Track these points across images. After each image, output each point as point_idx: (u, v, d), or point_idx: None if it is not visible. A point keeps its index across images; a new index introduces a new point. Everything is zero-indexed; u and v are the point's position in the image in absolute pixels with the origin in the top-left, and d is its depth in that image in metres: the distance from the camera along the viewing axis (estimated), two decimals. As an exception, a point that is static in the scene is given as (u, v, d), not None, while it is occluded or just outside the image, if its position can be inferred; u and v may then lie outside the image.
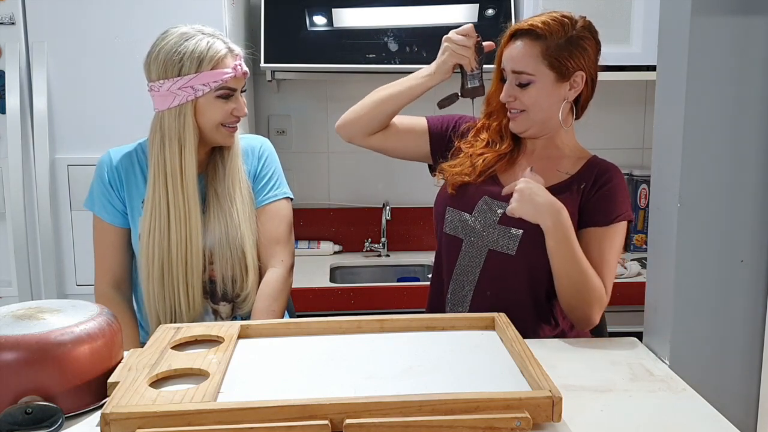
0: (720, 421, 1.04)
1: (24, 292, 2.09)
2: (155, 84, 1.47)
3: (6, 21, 2.04)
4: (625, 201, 1.49)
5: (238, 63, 1.49)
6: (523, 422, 0.92)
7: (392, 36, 2.42)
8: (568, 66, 1.45)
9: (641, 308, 1.37)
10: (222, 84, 1.47)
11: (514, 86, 1.47)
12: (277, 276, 1.56)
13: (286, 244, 1.60)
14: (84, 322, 1.05)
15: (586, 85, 1.49)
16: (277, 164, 1.64)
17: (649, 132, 2.81)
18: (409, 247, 2.80)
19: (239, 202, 1.54)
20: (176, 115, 1.47)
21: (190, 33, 1.48)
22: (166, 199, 1.47)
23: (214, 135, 1.51)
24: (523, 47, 1.46)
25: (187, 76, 1.44)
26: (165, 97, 1.46)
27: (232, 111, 1.50)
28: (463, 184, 1.54)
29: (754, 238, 1.23)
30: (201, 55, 1.45)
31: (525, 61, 1.45)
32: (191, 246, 1.49)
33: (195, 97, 1.46)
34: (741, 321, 1.25)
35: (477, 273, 1.52)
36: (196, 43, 1.45)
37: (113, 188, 1.54)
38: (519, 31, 1.48)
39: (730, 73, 1.19)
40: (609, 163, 1.55)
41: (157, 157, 1.48)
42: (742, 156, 1.21)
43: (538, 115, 1.48)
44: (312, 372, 1.10)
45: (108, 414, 0.91)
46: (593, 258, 1.44)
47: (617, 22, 2.42)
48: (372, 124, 1.60)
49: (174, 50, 1.45)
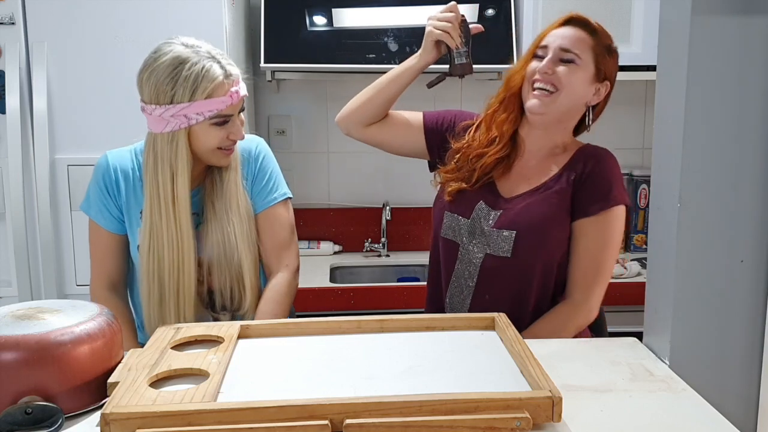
0: (720, 421, 1.04)
1: (24, 292, 2.09)
2: (147, 106, 1.40)
3: (6, 21, 2.04)
4: (617, 186, 1.48)
5: (234, 90, 1.42)
6: (523, 422, 0.92)
7: (392, 36, 2.42)
8: (605, 70, 1.50)
9: (641, 308, 1.37)
10: (217, 113, 1.40)
11: (557, 61, 1.47)
12: (283, 281, 1.55)
13: (289, 247, 1.59)
14: (84, 322, 1.04)
15: (604, 99, 1.53)
16: (274, 164, 1.61)
17: (649, 132, 2.81)
18: (409, 247, 2.80)
19: (236, 222, 1.50)
20: (168, 141, 1.41)
21: (184, 56, 1.38)
22: (160, 222, 1.43)
23: (210, 157, 1.46)
24: (577, 32, 1.48)
25: (180, 105, 1.37)
26: (157, 121, 1.40)
27: (228, 135, 1.44)
28: (461, 190, 1.54)
29: (754, 238, 1.23)
30: (195, 84, 1.37)
31: (577, 44, 1.47)
32: (183, 268, 1.45)
33: (188, 125, 1.40)
34: (741, 321, 1.25)
35: (475, 277, 1.51)
36: (189, 69, 1.37)
37: (110, 195, 1.51)
38: (576, 19, 1.50)
39: (730, 73, 1.19)
40: (599, 148, 1.54)
41: (151, 178, 1.43)
42: (742, 156, 1.21)
43: (565, 99, 1.47)
44: (312, 372, 1.10)
45: (108, 414, 0.91)
46: (591, 248, 1.44)
47: (617, 22, 2.43)
48: (368, 113, 1.61)
49: (166, 76, 1.37)
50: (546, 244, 1.47)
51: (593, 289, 1.48)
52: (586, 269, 1.48)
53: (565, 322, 1.48)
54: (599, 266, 1.48)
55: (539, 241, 1.46)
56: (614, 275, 2.41)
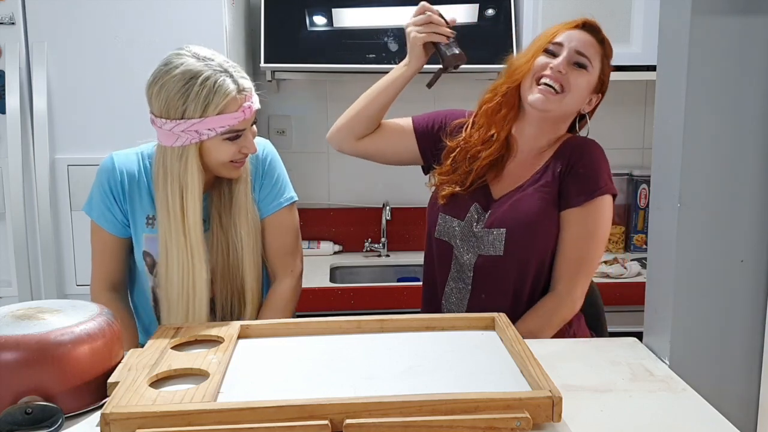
0: (720, 421, 1.04)
1: (24, 292, 2.09)
2: (157, 120, 1.36)
3: (6, 21, 2.04)
4: (602, 175, 1.46)
5: (247, 105, 1.38)
6: (523, 422, 0.92)
7: (392, 36, 2.42)
8: (604, 82, 1.51)
9: (641, 308, 1.37)
10: (229, 128, 1.36)
11: (570, 63, 1.46)
12: (286, 287, 1.54)
13: (294, 253, 1.57)
14: (84, 322, 1.04)
15: (592, 110, 1.54)
16: (281, 167, 1.58)
17: (649, 132, 2.81)
18: (409, 247, 2.80)
19: (244, 234, 1.47)
20: (179, 156, 1.37)
21: (195, 69, 1.33)
22: (170, 236, 1.40)
23: (220, 170, 1.43)
24: (591, 39, 1.48)
25: (191, 120, 1.33)
26: (167, 135, 1.36)
27: (240, 149, 1.41)
28: (454, 194, 1.53)
29: (754, 238, 1.23)
30: (207, 99, 1.32)
31: (591, 50, 1.47)
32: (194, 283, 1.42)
33: (200, 140, 1.36)
34: (741, 321, 1.25)
35: (470, 278, 1.51)
36: (201, 84, 1.32)
37: (115, 199, 1.48)
38: (590, 25, 1.49)
39: (730, 73, 1.19)
40: (584, 139, 1.53)
41: (162, 192, 1.40)
42: (742, 156, 1.21)
43: (569, 102, 1.47)
44: (312, 372, 1.10)
45: (108, 414, 0.91)
46: (576, 239, 1.44)
47: (617, 22, 2.43)
48: (361, 124, 1.59)
49: (177, 90, 1.33)
50: (537, 239, 1.46)
51: (576, 281, 1.46)
52: (571, 260, 1.46)
53: (550, 316, 1.46)
54: (584, 257, 1.46)
55: (529, 237, 1.46)
56: (614, 275, 2.41)
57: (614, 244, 2.80)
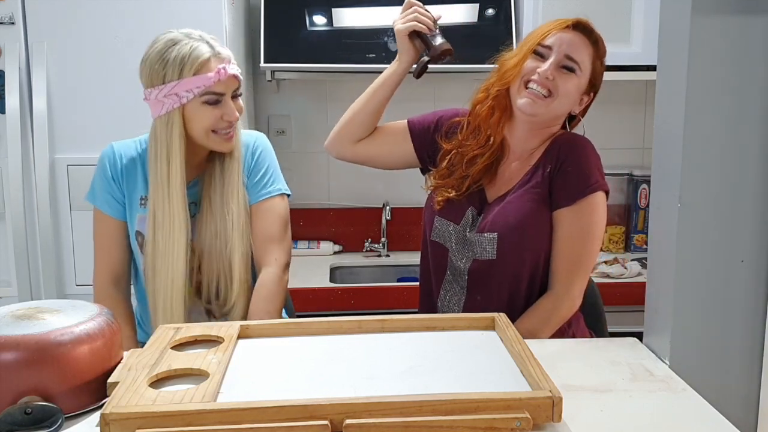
0: (720, 421, 1.04)
1: (24, 292, 2.09)
2: (146, 92, 1.46)
3: (6, 21, 2.04)
4: (592, 172, 1.45)
5: (222, 66, 1.44)
6: (523, 422, 0.92)
7: (392, 36, 2.41)
8: (596, 83, 1.50)
9: (641, 308, 1.37)
10: (206, 89, 1.43)
11: (559, 67, 1.44)
12: (271, 276, 1.53)
13: (280, 241, 1.57)
14: (84, 322, 1.04)
15: (583, 111, 1.53)
16: (272, 160, 1.60)
17: (649, 132, 2.81)
18: (409, 247, 2.80)
19: (235, 210, 1.51)
20: (165, 123, 1.45)
21: (177, 38, 1.44)
22: (157, 203, 1.46)
23: (207, 141, 1.48)
24: (582, 40, 1.46)
25: (171, 83, 1.42)
26: (155, 105, 1.45)
27: (222, 116, 1.46)
28: (449, 199, 1.53)
29: (754, 238, 1.23)
30: (183, 61, 1.42)
31: (581, 52, 1.45)
32: (174, 250, 1.46)
33: (181, 104, 1.43)
34: (741, 321, 1.25)
35: (465, 282, 1.51)
36: (179, 49, 1.42)
37: (115, 181, 1.53)
38: (582, 25, 1.47)
39: (730, 72, 1.19)
40: (572, 135, 1.52)
41: (153, 164, 1.47)
42: (742, 156, 1.21)
43: (558, 105, 1.46)
44: (312, 372, 1.10)
45: (108, 414, 0.91)
46: (571, 238, 1.44)
47: (617, 22, 2.43)
48: (359, 127, 1.59)
49: (159, 58, 1.43)
50: (529, 241, 1.46)
51: (574, 280, 1.46)
52: (567, 260, 1.46)
53: (549, 315, 1.45)
54: (580, 256, 1.45)
55: (521, 239, 1.45)
56: (614, 275, 2.41)
57: (614, 244, 2.80)
